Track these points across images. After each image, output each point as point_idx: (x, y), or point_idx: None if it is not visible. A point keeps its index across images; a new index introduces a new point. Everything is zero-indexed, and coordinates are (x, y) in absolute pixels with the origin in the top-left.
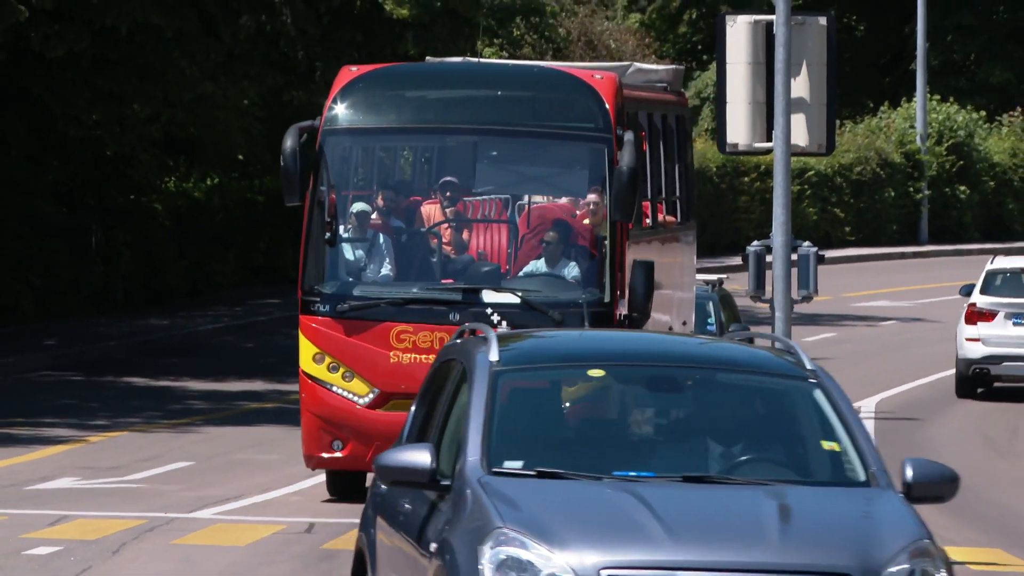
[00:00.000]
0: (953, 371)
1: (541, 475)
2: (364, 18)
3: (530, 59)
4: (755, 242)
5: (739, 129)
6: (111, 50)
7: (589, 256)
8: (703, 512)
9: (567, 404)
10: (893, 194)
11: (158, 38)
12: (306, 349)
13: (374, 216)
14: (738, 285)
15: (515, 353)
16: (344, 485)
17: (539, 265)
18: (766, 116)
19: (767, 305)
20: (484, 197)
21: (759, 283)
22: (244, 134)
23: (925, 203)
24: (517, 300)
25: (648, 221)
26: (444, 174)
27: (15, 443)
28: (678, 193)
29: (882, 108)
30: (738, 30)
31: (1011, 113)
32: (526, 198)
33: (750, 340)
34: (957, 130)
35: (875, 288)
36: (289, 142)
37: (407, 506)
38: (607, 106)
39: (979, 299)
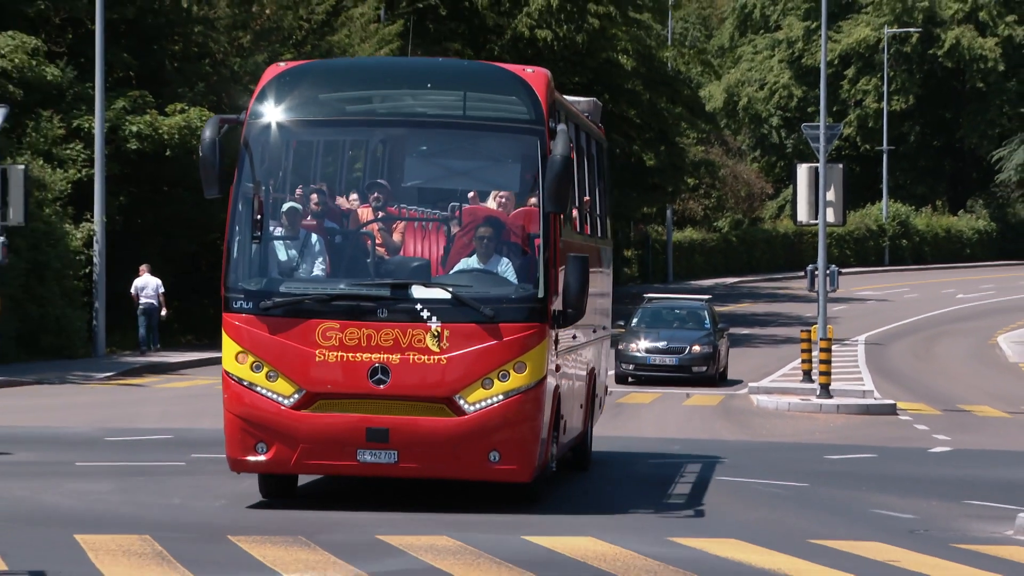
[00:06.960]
0: (899, 323)
1: None
2: None
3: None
4: (809, 265)
5: (803, 212)
6: None
7: (521, 251)
8: None
9: None
10: (872, 244)
11: None
12: (228, 348)
13: (308, 218)
14: (801, 284)
15: None
16: (276, 487)
17: (471, 261)
18: (815, 207)
19: (816, 293)
20: (419, 208)
21: (812, 284)
22: None
23: (887, 248)
24: (448, 296)
25: (577, 227)
26: (374, 168)
27: None
28: (598, 211)
29: (868, 204)
30: (803, 170)
31: (925, 208)
32: (459, 195)
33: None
34: (901, 215)
35: (864, 285)
36: (208, 133)
37: None
38: (540, 98)
39: None
